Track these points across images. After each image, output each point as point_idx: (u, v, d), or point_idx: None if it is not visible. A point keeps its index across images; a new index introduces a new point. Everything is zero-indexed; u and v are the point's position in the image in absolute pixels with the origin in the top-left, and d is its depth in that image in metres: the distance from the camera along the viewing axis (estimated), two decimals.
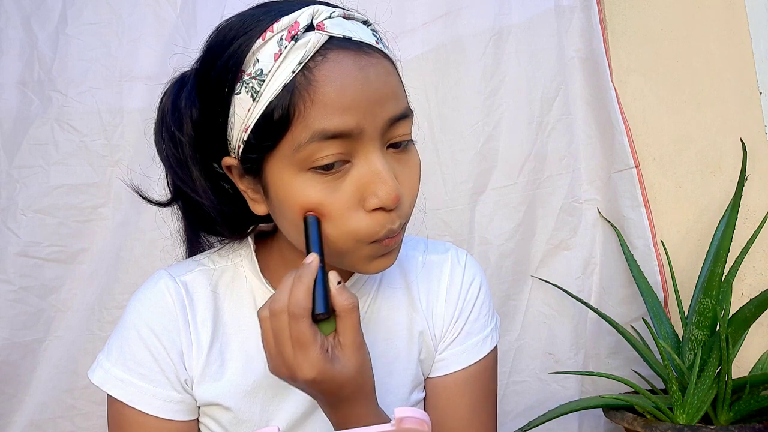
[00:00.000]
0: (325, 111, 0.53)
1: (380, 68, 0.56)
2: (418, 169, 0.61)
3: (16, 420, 1.09)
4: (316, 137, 0.53)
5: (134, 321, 0.64)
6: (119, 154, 1.15)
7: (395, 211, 0.56)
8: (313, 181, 0.55)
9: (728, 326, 0.98)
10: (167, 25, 1.18)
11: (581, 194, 1.25)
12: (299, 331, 0.51)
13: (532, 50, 1.23)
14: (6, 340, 1.08)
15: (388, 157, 0.57)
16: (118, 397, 0.61)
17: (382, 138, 0.56)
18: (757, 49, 1.18)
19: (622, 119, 1.20)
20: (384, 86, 0.56)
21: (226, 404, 0.63)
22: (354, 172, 0.55)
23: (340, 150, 0.54)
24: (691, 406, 0.97)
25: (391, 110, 0.56)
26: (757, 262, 1.16)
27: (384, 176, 0.55)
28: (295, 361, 0.51)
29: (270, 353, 0.54)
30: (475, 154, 1.21)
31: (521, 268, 1.23)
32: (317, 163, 0.54)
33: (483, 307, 0.72)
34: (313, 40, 0.53)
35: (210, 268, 0.68)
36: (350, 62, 0.54)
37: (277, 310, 0.52)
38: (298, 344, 0.51)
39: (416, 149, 0.62)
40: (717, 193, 1.20)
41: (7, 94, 1.12)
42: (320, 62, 0.53)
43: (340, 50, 0.54)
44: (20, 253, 1.10)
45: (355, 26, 0.57)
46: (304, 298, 0.51)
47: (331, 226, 0.56)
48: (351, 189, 0.55)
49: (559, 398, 1.20)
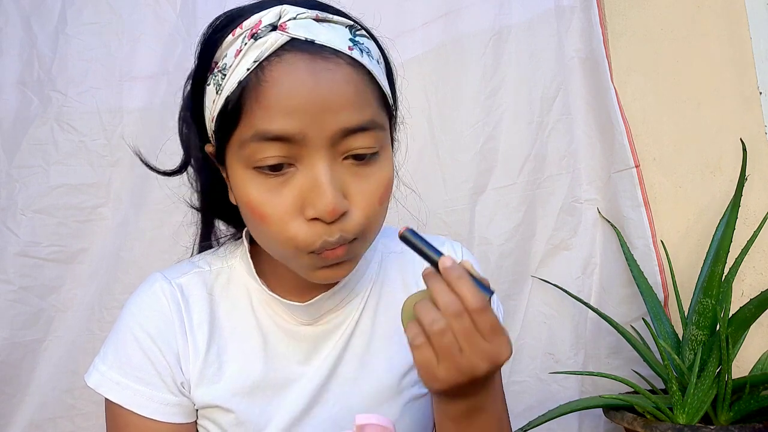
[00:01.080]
0: (268, 112, 0.53)
1: (337, 75, 0.53)
2: (382, 185, 0.57)
3: (16, 420, 1.09)
4: (258, 137, 0.53)
5: (130, 324, 0.64)
6: (119, 154, 1.15)
7: (336, 225, 0.54)
8: (256, 181, 0.55)
9: (728, 326, 0.98)
10: (167, 25, 1.18)
11: (581, 194, 1.25)
12: (490, 320, 0.50)
13: (532, 50, 1.23)
14: (6, 340, 1.08)
15: (342, 168, 0.55)
16: (115, 400, 0.61)
17: (333, 148, 0.54)
18: (757, 49, 1.18)
19: (622, 119, 1.20)
20: (337, 94, 0.53)
21: (226, 406, 0.63)
22: (298, 177, 0.54)
23: (282, 153, 0.53)
24: (691, 406, 0.97)
25: (344, 120, 0.53)
26: (757, 262, 1.16)
27: (324, 188, 0.53)
28: (495, 349, 0.50)
29: (450, 366, 0.50)
30: (475, 154, 1.21)
31: (521, 268, 1.23)
32: (259, 163, 0.54)
33: None
34: (270, 40, 0.53)
35: (206, 270, 0.68)
36: (303, 66, 0.53)
37: (453, 313, 0.50)
38: (493, 332, 0.50)
39: (389, 165, 0.59)
40: (717, 193, 1.20)
41: (6, 93, 1.12)
42: (274, 63, 0.53)
43: (298, 53, 0.53)
44: (20, 253, 1.10)
45: (325, 29, 0.55)
46: (478, 291, 0.51)
47: (270, 229, 0.55)
48: (293, 195, 0.54)
49: (559, 398, 1.20)
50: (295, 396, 0.65)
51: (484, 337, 0.50)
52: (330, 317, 0.67)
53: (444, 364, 0.50)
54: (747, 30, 1.19)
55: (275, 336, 0.66)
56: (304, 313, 0.65)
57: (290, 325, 0.66)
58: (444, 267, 0.51)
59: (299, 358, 0.66)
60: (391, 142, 0.64)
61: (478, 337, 0.50)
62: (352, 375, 0.67)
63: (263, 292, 0.66)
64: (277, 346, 0.65)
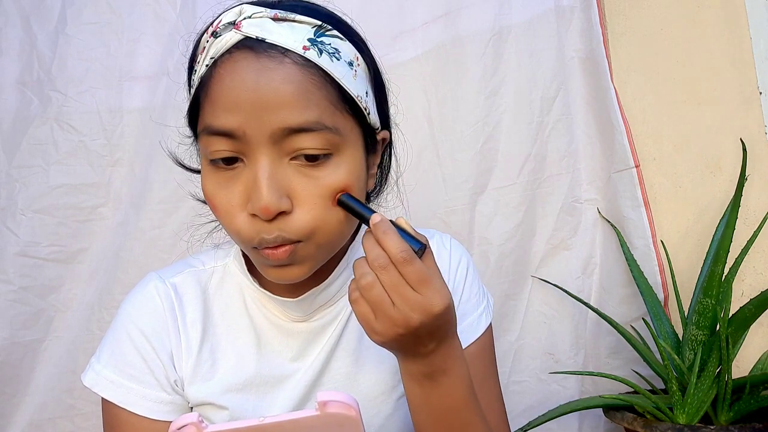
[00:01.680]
0: (213, 107, 0.55)
1: (280, 74, 0.53)
2: (329, 189, 0.55)
3: (15, 420, 1.09)
4: (206, 131, 0.55)
5: (125, 323, 0.65)
6: (119, 154, 1.15)
7: (274, 224, 0.54)
8: (212, 174, 0.57)
9: (728, 326, 0.98)
10: (167, 25, 1.18)
11: (581, 194, 1.25)
12: (417, 270, 0.51)
13: (532, 50, 1.23)
14: (6, 340, 1.08)
15: (289, 168, 0.55)
16: (109, 399, 0.62)
17: (276, 146, 0.54)
18: (757, 49, 1.18)
19: (622, 119, 1.20)
20: (277, 93, 0.53)
21: (219, 403, 0.64)
22: (245, 173, 0.55)
23: (229, 148, 0.55)
24: (691, 406, 0.97)
25: (284, 119, 0.53)
26: (757, 262, 1.16)
27: (260, 184, 0.53)
28: (425, 300, 0.51)
29: (384, 318, 0.52)
30: (475, 154, 1.21)
31: (521, 268, 1.23)
32: (211, 156, 0.56)
33: (473, 286, 0.73)
34: (226, 38, 0.55)
35: (200, 269, 0.69)
36: (246, 64, 0.53)
37: (380, 266, 0.51)
38: (422, 282, 0.51)
39: (346, 168, 0.56)
40: (717, 193, 1.19)
41: (6, 93, 1.12)
42: (225, 60, 0.55)
43: (247, 51, 0.54)
44: (20, 253, 1.10)
45: (280, 29, 0.55)
46: (402, 243, 0.52)
47: (222, 221, 0.58)
48: (240, 189, 0.55)
49: (559, 398, 1.20)
50: (288, 392, 0.65)
51: (414, 287, 0.51)
52: (322, 313, 0.68)
53: (379, 317, 0.52)
54: (747, 30, 1.19)
55: (268, 333, 0.67)
56: (297, 309, 0.66)
57: (283, 322, 0.67)
58: (373, 223, 0.53)
59: (292, 354, 0.67)
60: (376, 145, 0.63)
61: (406, 288, 0.51)
62: (345, 370, 0.68)
63: (256, 290, 0.67)
64: (270, 343, 0.66)
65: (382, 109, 0.64)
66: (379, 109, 0.63)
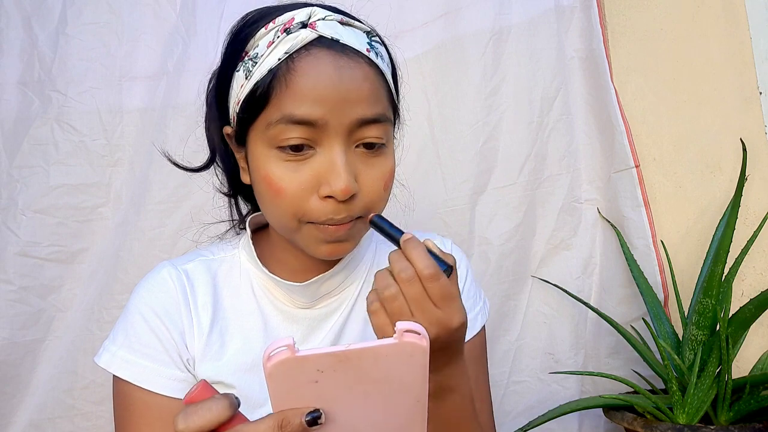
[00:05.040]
0: (295, 98, 0.59)
1: (358, 72, 0.60)
2: (386, 174, 0.64)
3: (16, 420, 1.09)
4: (284, 120, 0.59)
5: (138, 305, 0.68)
6: (119, 154, 1.15)
7: (344, 204, 0.60)
8: (278, 159, 0.61)
9: (728, 326, 0.98)
10: (167, 25, 1.18)
11: (581, 194, 1.25)
12: (443, 286, 0.53)
13: (532, 50, 1.23)
14: (6, 340, 1.08)
15: (355, 155, 0.62)
16: (125, 377, 0.64)
17: (349, 135, 0.60)
18: (757, 49, 1.18)
19: (622, 119, 1.20)
20: (357, 88, 0.60)
21: (228, 381, 0.66)
22: (316, 159, 0.60)
23: (304, 135, 0.59)
24: (691, 406, 0.97)
25: (361, 111, 0.60)
26: (757, 262, 1.16)
27: (339, 169, 0.59)
28: (445, 315, 0.53)
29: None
30: (475, 154, 1.21)
31: (521, 268, 1.23)
32: (282, 143, 0.60)
33: (470, 290, 0.76)
34: (301, 35, 0.60)
35: (210, 258, 0.73)
36: (328, 60, 0.59)
37: (406, 279, 0.53)
38: (445, 299, 0.53)
39: (393, 157, 0.65)
40: (717, 193, 1.19)
41: (7, 94, 1.12)
42: (303, 55, 0.60)
43: (324, 49, 0.60)
44: (20, 253, 1.10)
45: (348, 32, 0.62)
46: (430, 259, 0.54)
47: (284, 202, 0.61)
48: (310, 173, 0.60)
49: (559, 398, 1.20)
50: None
51: (435, 303, 0.53)
52: (326, 302, 0.71)
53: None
54: (747, 30, 1.19)
55: (275, 318, 0.70)
56: (303, 294, 0.69)
57: (288, 308, 0.70)
58: (403, 240, 0.56)
59: (297, 338, 0.69)
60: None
61: (428, 303, 0.53)
62: None
63: (264, 278, 0.71)
64: (276, 328, 0.70)
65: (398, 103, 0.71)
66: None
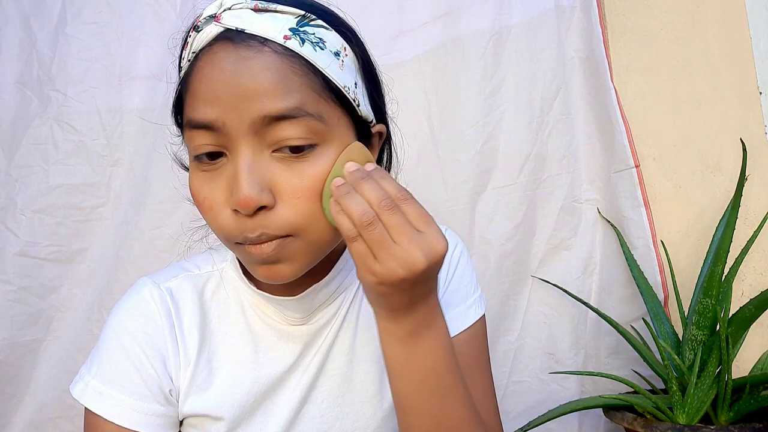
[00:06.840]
0: (193, 101, 0.54)
1: (258, 62, 0.51)
2: (313, 182, 0.53)
3: (15, 420, 1.09)
4: (188, 125, 0.54)
5: (116, 330, 0.62)
6: (118, 154, 1.15)
7: (256, 219, 0.52)
8: (196, 169, 0.55)
9: (728, 326, 0.98)
10: (167, 25, 1.18)
11: (581, 194, 1.25)
12: (418, 210, 0.50)
13: (532, 50, 1.23)
14: (6, 340, 1.08)
15: (272, 161, 0.53)
16: (97, 411, 0.58)
17: (257, 137, 0.52)
18: (757, 49, 1.18)
19: (622, 119, 1.20)
20: (255, 81, 0.51)
21: (216, 414, 0.61)
22: (228, 167, 0.53)
23: (211, 141, 0.53)
24: (691, 406, 0.97)
25: (263, 107, 0.51)
26: (757, 262, 1.16)
27: (239, 177, 0.51)
28: (429, 239, 0.49)
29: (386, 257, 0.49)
30: (475, 154, 1.21)
31: (521, 268, 1.23)
32: (195, 151, 0.54)
33: (465, 275, 0.71)
34: (206, 31, 0.54)
35: (195, 273, 0.66)
36: (225, 55, 0.52)
37: (386, 207, 0.49)
38: (423, 221, 0.50)
39: (333, 160, 0.54)
40: (717, 193, 1.19)
41: (6, 93, 1.12)
42: (205, 53, 0.54)
43: (227, 42, 0.53)
44: (20, 253, 1.10)
45: (261, 19, 0.53)
46: (400, 185, 0.50)
47: (206, 218, 0.56)
48: (223, 184, 0.53)
49: (559, 398, 1.20)
50: (286, 397, 0.64)
51: (416, 226, 0.49)
52: (322, 312, 0.66)
53: (381, 257, 0.49)
54: (747, 30, 1.19)
55: (267, 340, 0.64)
56: (296, 309, 0.64)
57: (281, 326, 0.64)
58: (369, 170, 0.53)
59: (290, 359, 0.65)
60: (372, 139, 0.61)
61: (409, 227, 0.49)
62: (340, 371, 0.66)
63: (254, 294, 0.64)
64: (269, 350, 0.64)
65: (375, 101, 0.62)
66: (372, 102, 0.61)
